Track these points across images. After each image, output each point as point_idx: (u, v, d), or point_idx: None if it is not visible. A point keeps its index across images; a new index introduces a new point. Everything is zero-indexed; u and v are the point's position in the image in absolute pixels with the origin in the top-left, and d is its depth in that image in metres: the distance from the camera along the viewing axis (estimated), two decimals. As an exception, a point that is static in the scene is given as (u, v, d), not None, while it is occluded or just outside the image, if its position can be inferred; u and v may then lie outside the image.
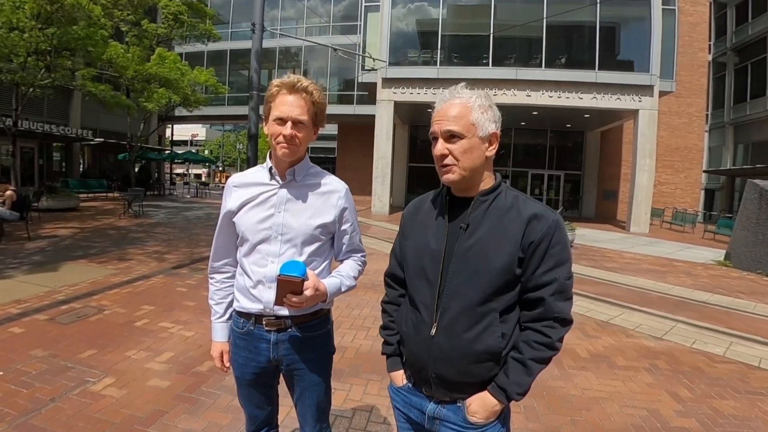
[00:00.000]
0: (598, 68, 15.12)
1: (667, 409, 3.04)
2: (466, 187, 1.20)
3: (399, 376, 1.36)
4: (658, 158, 17.15)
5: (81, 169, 21.54)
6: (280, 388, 1.65)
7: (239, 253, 1.54)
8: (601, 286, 6.83)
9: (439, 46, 16.22)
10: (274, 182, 1.49)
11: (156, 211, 14.66)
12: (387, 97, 16.30)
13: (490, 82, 15.41)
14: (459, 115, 1.15)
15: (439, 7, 16.28)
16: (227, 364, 1.60)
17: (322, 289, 1.38)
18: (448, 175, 1.17)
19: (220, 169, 47.75)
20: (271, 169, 1.49)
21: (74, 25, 12.00)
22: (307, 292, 1.31)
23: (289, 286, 1.28)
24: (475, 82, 15.11)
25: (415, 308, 1.25)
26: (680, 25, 16.78)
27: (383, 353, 1.42)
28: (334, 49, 14.58)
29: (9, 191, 8.17)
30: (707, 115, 22.74)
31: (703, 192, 22.53)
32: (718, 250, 11.29)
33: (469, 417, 1.19)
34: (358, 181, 22.39)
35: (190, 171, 46.50)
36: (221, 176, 44.80)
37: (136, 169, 22.78)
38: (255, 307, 1.48)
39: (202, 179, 39.74)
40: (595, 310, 5.43)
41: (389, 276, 1.45)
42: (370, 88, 17.73)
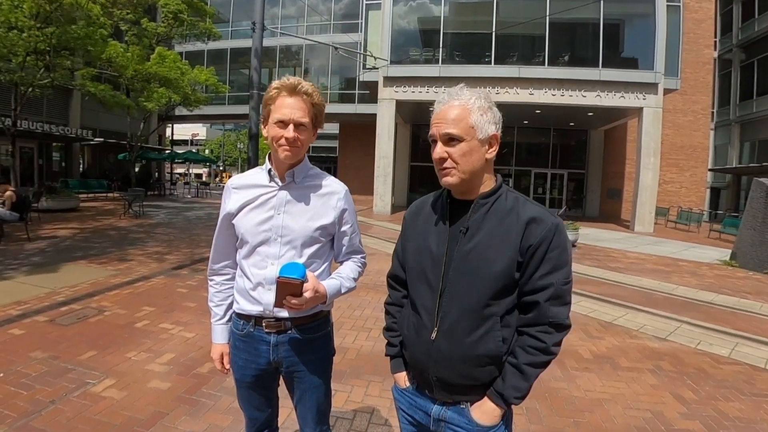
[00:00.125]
0: (602, 66, 14.97)
1: (672, 411, 3.00)
2: (466, 189, 1.19)
3: (402, 378, 1.36)
4: (662, 157, 17.01)
5: (81, 170, 21.53)
6: (280, 390, 1.65)
7: (239, 255, 1.54)
8: (605, 287, 6.76)
9: (441, 44, 16.11)
10: (274, 184, 1.49)
11: (156, 211, 14.66)
12: (388, 96, 16.23)
13: (492, 81, 15.35)
14: (458, 117, 1.14)
15: (441, 4, 16.15)
16: (227, 366, 1.60)
17: (322, 290, 1.38)
18: (447, 179, 1.16)
19: (221, 168, 47.68)
20: (270, 170, 1.49)
21: (73, 25, 11.96)
22: (307, 294, 1.31)
23: (289, 288, 1.28)
24: (477, 80, 15.26)
25: (416, 312, 1.25)
26: (685, 22, 16.63)
27: (387, 355, 1.41)
28: (335, 48, 14.54)
29: (8, 192, 8.15)
30: (713, 112, 22.42)
31: (708, 191, 22.37)
32: (723, 250, 11.17)
33: (475, 419, 1.20)
34: (359, 180, 22.33)
35: (191, 171, 46.42)
36: (226, 176, 44.68)
37: (137, 169, 22.75)
38: (255, 309, 1.48)
39: (203, 179, 39.59)
40: (599, 311, 5.36)
41: (392, 277, 1.44)
42: (372, 86, 17.66)
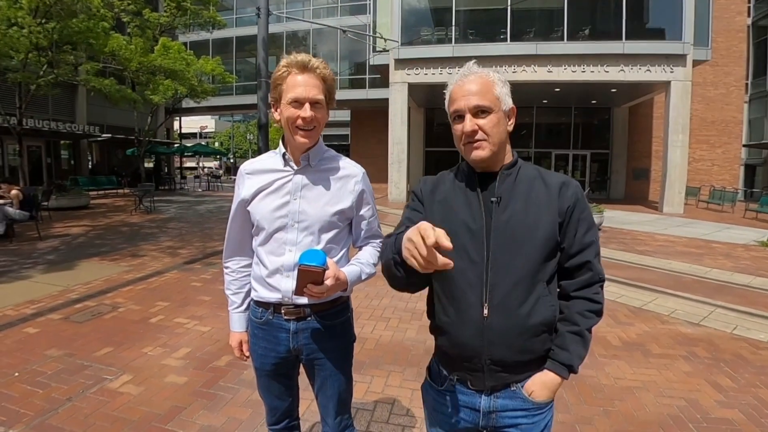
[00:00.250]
0: (626, 38, 14.21)
1: (708, 399, 2.89)
2: (492, 163, 1.18)
3: None
4: (692, 133, 16.30)
5: (90, 166, 21.58)
6: (301, 381, 1.63)
7: (255, 242, 1.51)
8: (633, 271, 6.56)
9: (454, 22, 15.47)
10: (289, 168, 1.45)
11: (167, 206, 14.73)
12: (400, 79, 15.73)
13: (508, 59, 14.80)
14: (484, 89, 1.14)
15: (453, -20, 15.44)
16: (246, 354, 1.59)
17: (342, 278, 1.34)
18: (478, 152, 1.15)
19: (231, 161, 47.55)
20: (284, 154, 1.45)
21: (74, 18, 11.77)
22: (328, 282, 1.27)
23: (310, 275, 1.25)
24: (492, 59, 14.54)
25: (457, 292, 1.17)
26: (716, -13, 15.67)
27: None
28: (344, 31, 14.14)
29: (14, 191, 8.18)
30: (747, 84, 21.28)
31: (742, 168, 21.33)
32: (760, 230, 10.81)
33: (532, 398, 1.18)
34: (374, 168, 21.72)
35: (201, 164, 46.36)
36: None
37: (146, 164, 22.70)
38: (273, 297, 1.46)
39: (208, 171, 39.41)
40: (627, 296, 5.20)
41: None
42: (383, 70, 17.15)
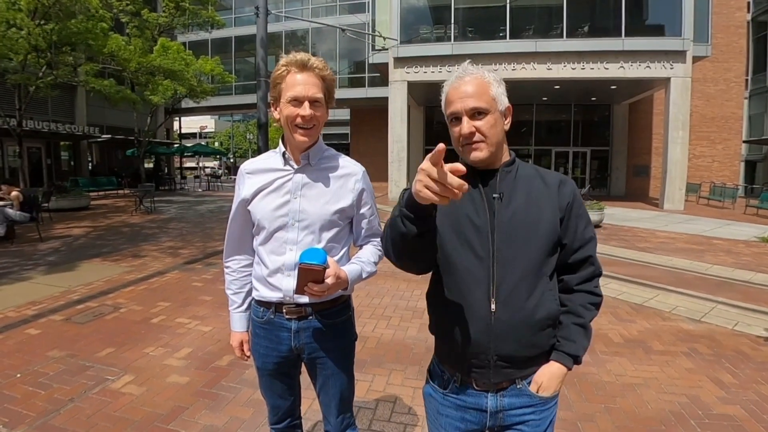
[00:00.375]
0: (625, 35, 14.19)
1: (709, 396, 2.89)
2: (491, 162, 1.18)
3: None
4: (692, 129, 16.25)
5: (90, 167, 21.56)
6: (303, 380, 1.64)
7: (255, 241, 1.51)
8: (634, 268, 6.55)
9: (453, 20, 15.46)
10: (289, 167, 1.45)
11: (168, 206, 14.71)
12: (400, 78, 15.70)
13: (507, 57, 14.78)
14: (479, 90, 1.14)
15: (452, -22, 15.42)
16: (248, 354, 1.59)
17: (343, 276, 1.34)
18: (477, 153, 1.15)
19: (231, 160, 47.47)
20: (284, 153, 1.45)
21: (72, 19, 11.78)
22: (329, 281, 1.27)
23: (311, 274, 1.25)
24: (491, 56, 14.52)
25: (463, 288, 1.17)
26: (715, -17, 15.63)
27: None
28: (343, 30, 14.11)
29: (14, 192, 8.16)
30: (747, 80, 21.23)
31: (743, 164, 21.28)
32: (761, 226, 10.83)
33: (540, 393, 1.19)
34: (374, 167, 21.69)
35: (201, 164, 46.29)
36: None
37: (147, 165, 22.67)
38: (274, 296, 1.46)
39: (210, 171, 39.31)
40: (628, 293, 5.20)
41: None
42: (382, 69, 17.15)
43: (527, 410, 1.21)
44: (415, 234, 1.01)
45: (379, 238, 1.55)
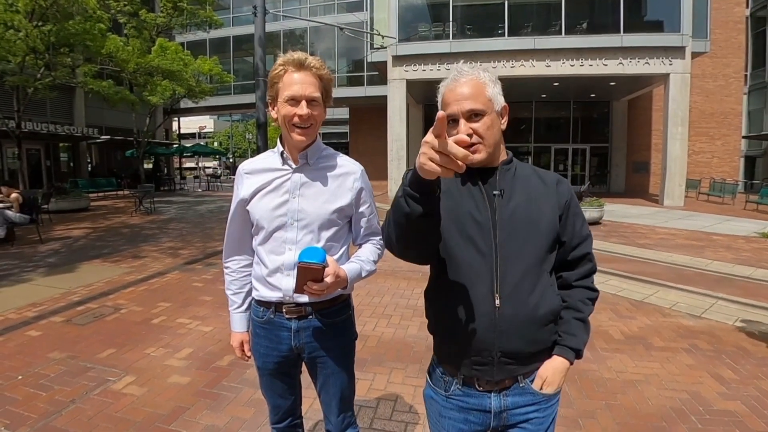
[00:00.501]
0: (624, 31, 14.14)
1: (710, 392, 2.89)
2: (489, 162, 1.19)
3: None
4: (691, 125, 16.19)
5: (89, 169, 21.53)
6: (303, 380, 1.64)
7: (255, 241, 1.51)
8: (634, 264, 6.55)
9: (451, 18, 15.40)
10: (287, 167, 1.45)
11: (167, 206, 14.68)
12: (398, 76, 15.66)
13: (506, 54, 14.72)
14: (475, 92, 1.15)
15: (450, -25, 15.38)
16: (248, 354, 1.59)
17: (343, 275, 1.34)
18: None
19: (231, 160, 47.40)
20: (282, 153, 1.45)
21: (70, 21, 11.76)
22: (328, 279, 1.27)
23: (310, 273, 1.25)
24: (490, 54, 14.46)
25: (467, 284, 1.16)
26: (713, -22, 15.57)
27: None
28: (341, 29, 14.07)
29: (14, 194, 8.14)
30: (746, 75, 21.20)
31: (742, 160, 21.26)
32: (761, 222, 10.80)
33: (545, 389, 1.20)
34: (373, 165, 21.72)
35: (201, 164, 46.23)
36: None
37: (146, 165, 22.63)
38: (274, 296, 1.45)
39: (212, 171, 39.22)
40: (628, 289, 5.21)
41: None
42: (381, 67, 17.15)
43: (531, 408, 1.21)
44: (419, 214, 0.98)
45: (378, 237, 1.55)
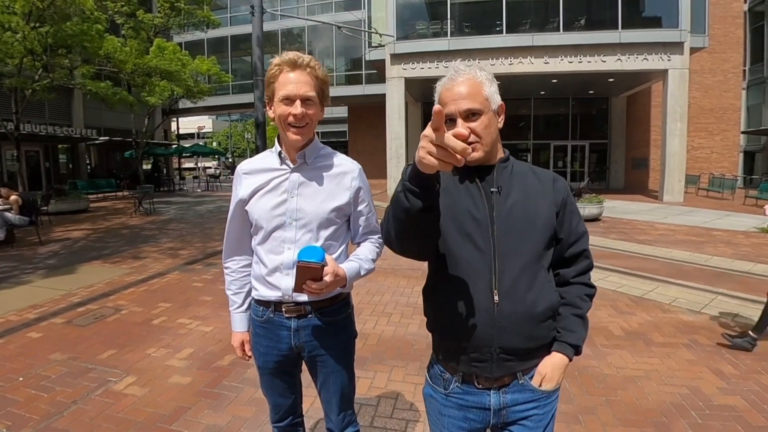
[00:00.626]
0: (622, 27, 14.11)
1: (710, 387, 2.90)
2: (486, 160, 1.19)
3: None
4: (690, 121, 16.13)
5: (88, 170, 21.50)
6: (304, 378, 1.65)
7: (254, 241, 1.51)
8: (633, 260, 6.57)
9: (449, 15, 15.37)
10: (285, 167, 1.46)
11: (167, 207, 14.68)
12: (397, 74, 15.64)
13: (504, 51, 14.69)
14: (472, 91, 1.15)
15: (448, -28, 15.35)
16: (249, 353, 1.60)
17: (342, 274, 1.35)
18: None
19: (230, 160, 47.32)
20: (280, 153, 1.45)
21: (67, 22, 11.73)
22: (327, 278, 1.28)
23: (309, 272, 1.25)
24: (488, 51, 14.43)
25: (465, 282, 1.16)
26: (711, -27, 15.49)
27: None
28: (339, 27, 14.05)
29: (13, 196, 8.13)
30: (744, 71, 21.10)
31: (742, 155, 21.19)
32: (760, 217, 10.64)
33: (544, 385, 1.20)
34: (372, 164, 21.79)
35: (200, 164, 46.12)
36: None
37: (145, 166, 22.59)
38: (273, 295, 1.46)
39: (211, 171, 39.10)
40: (628, 285, 5.22)
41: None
42: (379, 65, 17.06)
43: (530, 405, 1.22)
44: (419, 208, 0.97)
45: (376, 236, 1.56)
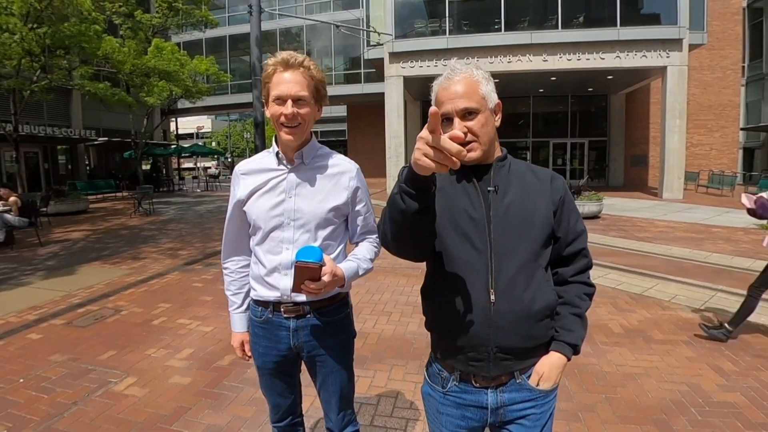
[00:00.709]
0: (620, 24, 14.10)
1: (710, 384, 2.89)
2: (483, 159, 1.19)
3: None
4: (689, 118, 16.14)
5: (88, 171, 21.49)
6: (304, 378, 1.64)
7: (252, 241, 1.51)
8: (633, 257, 6.56)
9: (447, 13, 15.35)
10: (283, 167, 1.46)
11: (166, 207, 14.68)
12: (395, 73, 15.63)
13: (503, 49, 14.69)
14: (469, 90, 1.15)
15: (446, -30, 15.33)
16: (249, 354, 1.60)
17: (340, 273, 1.35)
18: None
19: (229, 160, 47.27)
20: (278, 153, 1.45)
21: (65, 23, 11.70)
22: (325, 278, 1.28)
23: (307, 272, 1.25)
24: (486, 49, 14.42)
25: (461, 281, 1.16)
26: (710, -31, 15.50)
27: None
28: (337, 26, 14.03)
29: (13, 197, 8.10)
30: (743, 67, 21.10)
31: (741, 151, 21.25)
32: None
33: (541, 385, 1.20)
34: (372, 163, 21.83)
35: (200, 164, 46.11)
36: None
37: (144, 167, 22.56)
38: (272, 295, 1.46)
39: (211, 171, 39.08)
40: (628, 283, 5.22)
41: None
42: (378, 64, 17.05)
43: (528, 404, 1.22)
44: (415, 210, 0.98)
45: (375, 235, 1.56)
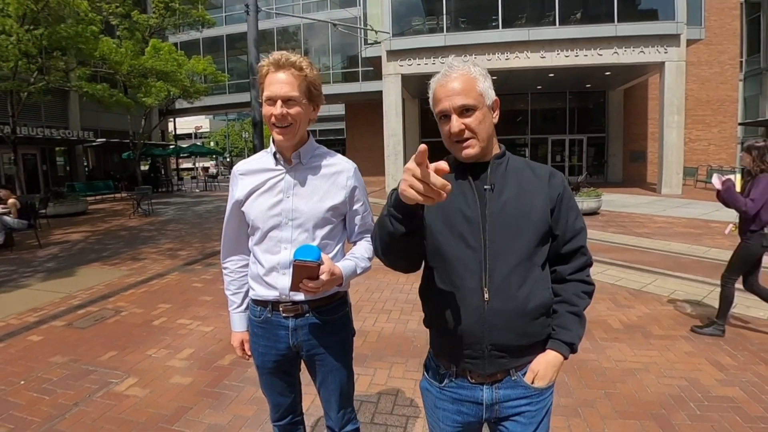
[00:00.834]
0: (618, 20, 14.13)
1: (709, 378, 2.91)
2: (481, 156, 1.19)
3: None
4: (687, 113, 16.17)
5: (86, 172, 21.45)
6: (304, 377, 1.65)
7: (251, 241, 1.52)
8: (632, 253, 6.58)
9: (445, 11, 15.36)
10: (280, 167, 1.46)
11: (165, 208, 14.67)
12: (393, 71, 15.64)
13: (501, 46, 14.71)
14: (466, 87, 1.14)
15: (443, -33, 15.32)
16: (249, 353, 1.61)
17: (338, 272, 1.35)
18: (469, 150, 1.16)
19: (228, 159, 47.19)
20: (275, 153, 1.46)
21: (62, 24, 11.70)
22: (323, 277, 1.28)
23: (305, 271, 1.26)
24: (485, 47, 14.42)
25: (457, 278, 1.17)
26: (706, -36, 15.46)
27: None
28: (335, 25, 14.00)
29: (11, 199, 8.09)
30: (741, 62, 21.01)
31: (739, 146, 21.13)
32: None
33: (537, 382, 1.20)
34: (370, 161, 21.85)
35: (199, 165, 45.99)
36: None
37: (144, 167, 22.52)
38: (271, 294, 1.47)
39: (209, 171, 38.95)
40: (627, 279, 5.23)
41: None
42: (375, 62, 17.06)
43: (523, 401, 1.21)
44: (402, 233, 1.02)
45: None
